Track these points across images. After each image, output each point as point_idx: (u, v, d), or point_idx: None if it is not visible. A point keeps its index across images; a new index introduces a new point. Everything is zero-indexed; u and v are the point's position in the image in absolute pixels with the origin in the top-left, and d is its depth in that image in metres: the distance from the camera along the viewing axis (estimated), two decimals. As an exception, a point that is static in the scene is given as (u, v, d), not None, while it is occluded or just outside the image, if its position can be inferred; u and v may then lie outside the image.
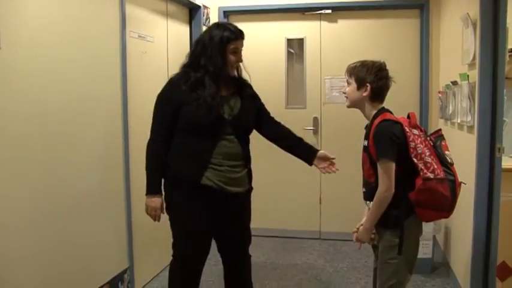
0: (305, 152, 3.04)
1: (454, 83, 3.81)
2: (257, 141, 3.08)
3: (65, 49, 2.83)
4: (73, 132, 2.91)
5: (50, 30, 2.70)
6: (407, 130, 2.41)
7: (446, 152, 2.49)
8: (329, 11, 5.07)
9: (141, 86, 3.77)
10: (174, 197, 2.81)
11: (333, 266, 4.43)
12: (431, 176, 2.36)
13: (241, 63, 2.84)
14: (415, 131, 2.45)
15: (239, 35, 2.75)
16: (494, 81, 3.13)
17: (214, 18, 5.11)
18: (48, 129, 2.69)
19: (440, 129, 2.65)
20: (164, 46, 4.22)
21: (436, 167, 2.38)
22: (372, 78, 2.50)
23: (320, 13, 5.10)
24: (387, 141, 2.39)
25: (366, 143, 2.53)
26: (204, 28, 4.80)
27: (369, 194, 2.53)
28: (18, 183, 2.47)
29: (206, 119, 2.67)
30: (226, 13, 5.22)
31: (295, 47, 5.30)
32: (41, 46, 2.63)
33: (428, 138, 2.52)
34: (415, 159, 2.37)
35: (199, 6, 4.80)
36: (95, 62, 3.12)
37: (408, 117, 2.54)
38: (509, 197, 3.27)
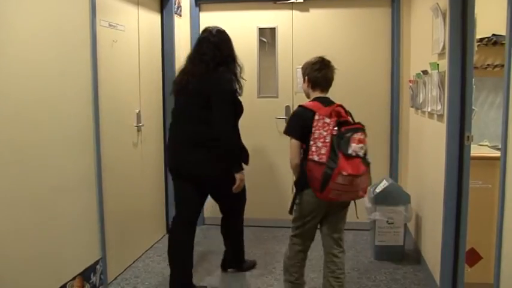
0: None
1: (425, 72, 3.85)
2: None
3: (34, 38, 2.76)
4: (43, 122, 2.85)
5: (18, 19, 2.62)
6: (317, 117, 2.81)
7: (353, 145, 2.71)
8: (301, 0, 5.07)
9: (112, 75, 3.73)
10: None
11: (305, 254, 4.45)
12: (316, 158, 2.75)
13: None
14: (327, 120, 2.79)
15: None
16: (463, 71, 3.17)
17: (185, 7, 5.06)
18: (17, 119, 2.63)
19: (358, 123, 2.86)
20: (135, 35, 4.17)
21: (324, 152, 2.72)
22: (308, 71, 3.03)
23: (292, 2, 5.10)
24: (292, 121, 3.00)
25: None
26: (176, 17, 4.76)
27: None
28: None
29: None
30: (198, 2, 5.16)
31: (267, 36, 5.29)
32: (9, 35, 2.56)
33: (336, 128, 2.76)
34: (311, 142, 2.80)
35: (170, -5, 4.75)
36: (65, 51, 3.06)
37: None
38: (478, 184, 3.34)
